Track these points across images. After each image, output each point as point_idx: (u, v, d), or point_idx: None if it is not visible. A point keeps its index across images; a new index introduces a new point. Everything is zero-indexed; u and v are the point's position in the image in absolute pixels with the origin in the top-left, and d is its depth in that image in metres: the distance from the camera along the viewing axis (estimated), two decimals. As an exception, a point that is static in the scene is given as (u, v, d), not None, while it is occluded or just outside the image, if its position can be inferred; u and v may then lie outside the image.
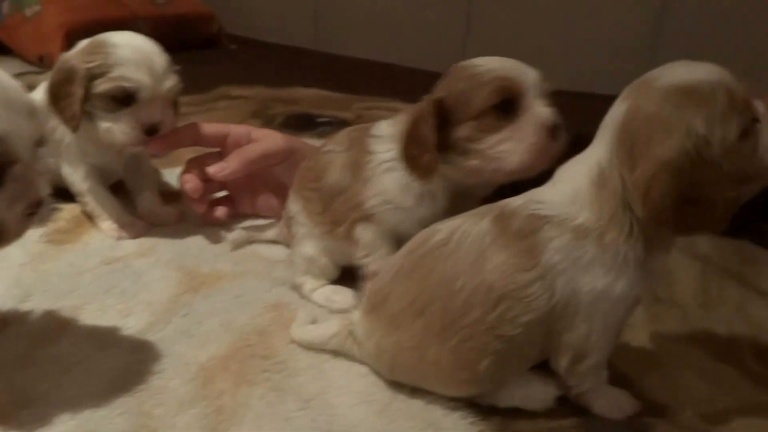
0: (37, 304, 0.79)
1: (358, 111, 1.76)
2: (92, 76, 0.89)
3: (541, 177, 0.67)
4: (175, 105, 0.99)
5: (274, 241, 0.99)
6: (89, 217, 1.01)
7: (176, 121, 0.99)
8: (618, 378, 0.67)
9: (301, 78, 2.10)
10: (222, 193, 1.08)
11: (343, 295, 0.84)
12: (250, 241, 1.00)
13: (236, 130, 1.04)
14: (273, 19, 2.93)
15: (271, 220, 1.03)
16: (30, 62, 1.99)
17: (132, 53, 0.90)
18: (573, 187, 0.62)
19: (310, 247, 0.86)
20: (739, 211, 1.04)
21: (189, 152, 1.06)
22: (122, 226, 0.99)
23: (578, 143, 0.65)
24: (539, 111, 0.70)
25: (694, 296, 0.87)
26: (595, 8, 2.24)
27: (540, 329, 0.61)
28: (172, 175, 1.14)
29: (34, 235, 0.96)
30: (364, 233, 0.81)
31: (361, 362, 0.71)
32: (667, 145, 0.55)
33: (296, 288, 0.86)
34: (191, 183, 0.97)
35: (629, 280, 0.60)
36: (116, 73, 0.88)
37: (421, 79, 0.76)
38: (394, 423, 0.62)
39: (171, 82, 0.93)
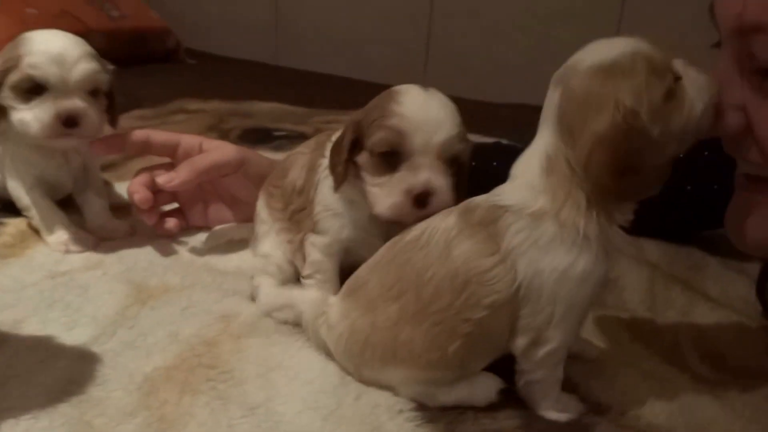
0: (-25, 318, 0.79)
1: (317, 125, 1.78)
2: (5, 71, 0.91)
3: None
4: (111, 98, 1.00)
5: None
6: (36, 232, 1.01)
7: (105, 118, 1.00)
8: (564, 381, 0.69)
9: (261, 92, 2.12)
10: (172, 206, 1.08)
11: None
12: (225, 239, 1.03)
13: (187, 139, 1.05)
14: (233, 33, 2.95)
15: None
16: (-22, 77, 1.97)
17: (41, 44, 0.91)
18: (527, 178, 0.66)
19: (267, 244, 0.88)
20: (684, 219, 1.09)
21: (140, 165, 1.07)
22: (70, 239, 0.98)
23: None
24: (410, 175, 0.72)
25: (642, 301, 0.91)
26: (555, 21, 2.31)
27: (506, 312, 0.64)
28: (123, 189, 1.15)
29: (-25, 250, 0.95)
30: (313, 250, 0.84)
31: (318, 347, 0.75)
32: (599, 121, 0.60)
33: (253, 290, 0.87)
34: (140, 193, 0.97)
35: (591, 257, 0.63)
36: (24, 63, 0.90)
37: (381, 93, 0.78)
38: (339, 428, 0.64)
39: (85, 70, 0.93)
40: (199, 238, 1.05)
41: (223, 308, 0.85)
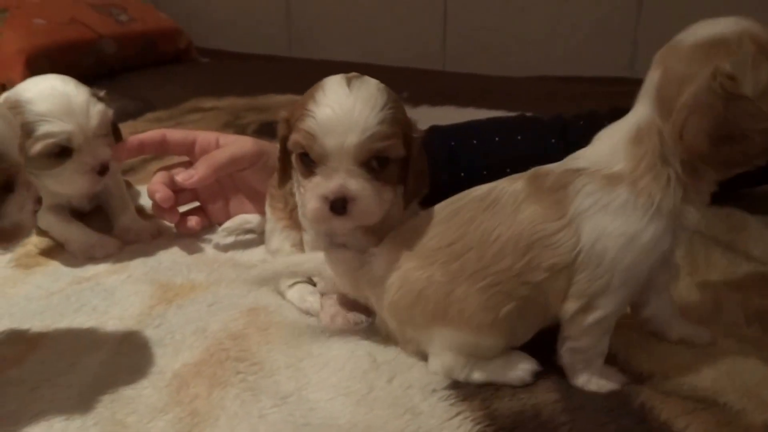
0: (4, 327, 0.81)
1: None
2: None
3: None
4: (115, 130, 1.02)
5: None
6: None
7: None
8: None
9: (276, 85, 2.13)
10: (193, 204, 1.10)
11: (317, 297, 0.86)
12: (243, 230, 1.05)
13: (203, 136, 1.06)
14: (245, 28, 2.97)
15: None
16: (-7, 91, 2.02)
17: (49, 105, 0.90)
18: (610, 143, 0.67)
19: (275, 241, 0.89)
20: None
21: (158, 166, 1.09)
22: (91, 246, 1.01)
23: (616, 116, 0.70)
24: (324, 180, 0.69)
25: (681, 265, 0.90)
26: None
27: (564, 277, 0.65)
28: (144, 192, 1.17)
29: (1, 261, 0.98)
30: (306, 248, 0.84)
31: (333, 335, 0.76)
32: (695, 88, 0.60)
33: (275, 285, 0.89)
34: (161, 192, 0.99)
35: (660, 230, 0.64)
36: (41, 131, 0.89)
37: (400, 76, 0.78)
38: (373, 412, 0.64)
39: (97, 116, 0.94)
40: (221, 236, 1.07)
41: (249, 302, 0.86)
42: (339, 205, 0.69)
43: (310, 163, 0.70)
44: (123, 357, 0.75)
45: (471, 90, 2.00)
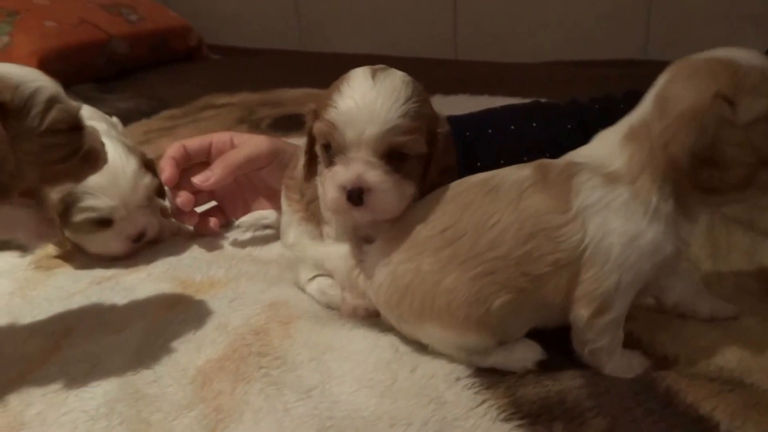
0: (27, 328, 0.82)
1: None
2: (65, 206, 0.92)
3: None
4: (160, 193, 1.02)
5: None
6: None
7: (159, 223, 1.02)
8: (625, 336, 0.68)
9: (289, 79, 2.12)
10: (210, 204, 1.10)
11: (337, 290, 0.85)
12: (260, 225, 1.07)
13: (218, 137, 1.06)
14: (255, 24, 2.97)
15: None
16: (7, 96, 2.03)
17: (95, 178, 0.88)
18: (608, 142, 0.67)
19: (291, 234, 0.89)
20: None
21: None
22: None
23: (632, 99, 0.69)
24: (342, 170, 0.68)
25: (703, 246, 0.88)
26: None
27: (567, 274, 0.64)
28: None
29: (21, 263, 0.99)
30: (327, 240, 0.84)
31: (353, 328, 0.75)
32: (693, 101, 0.61)
33: (295, 279, 0.89)
34: (182, 197, 1.00)
35: (660, 233, 0.63)
36: (85, 203, 0.92)
37: (413, 67, 0.77)
38: (397, 403, 0.64)
39: (141, 190, 0.96)
40: (239, 232, 1.07)
41: (270, 297, 0.86)
42: (356, 195, 0.68)
43: (331, 153, 0.70)
44: (145, 355, 0.75)
45: (484, 78, 1.99)
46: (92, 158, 0.76)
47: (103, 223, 0.94)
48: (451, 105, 1.73)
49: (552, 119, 1.03)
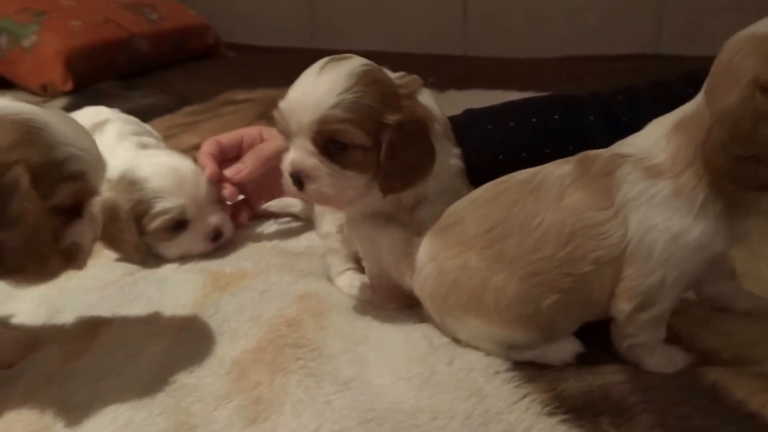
0: (64, 319, 0.80)
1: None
2: (138, 215, 0.91)
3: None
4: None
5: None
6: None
7: (229, 217, 1.00)
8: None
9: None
10: (238, 198, 1.07)
11: (367, 283, 0.83)
12: (286, 212, 1.06)
13: (247, 131, 1.05)
14: (268, 22, 2.94)
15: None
16: (34, 92, 2.01)
17: (162, 181, 0.91)
18: (657, 131, 0.62)
19: (326, 224, 0.86)
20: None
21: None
22: None
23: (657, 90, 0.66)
24: (286, 156, 0.71)
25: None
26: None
27: (610, 270, 0.61)
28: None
29: (55, 254, 0.96)
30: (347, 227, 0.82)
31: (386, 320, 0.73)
32: (729, 96, 0.55)
33: (327, 269, 0.87)
34: (228, 189, 0.98)
35: (708, 228, 0.58)
36: (157, 207, 0.90)
37: (424, 63, 0.75)
38: (436, 396, 0.61)
39: (206, 186, 0.94)
40: (265, 223, 1.05)
41: (300, 289, 0.83)
42: (295, 179, 0.69)
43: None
44: (182, 346, 0.73)
45: (496, 73, 1.95)
46: (71, 256, 0.65)
47: (179, 225, 0.92)
48: (465, 100, 1.70)
49: (574, 111, 1.00)
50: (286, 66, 2.53)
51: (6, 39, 2.05)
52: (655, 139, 0.62)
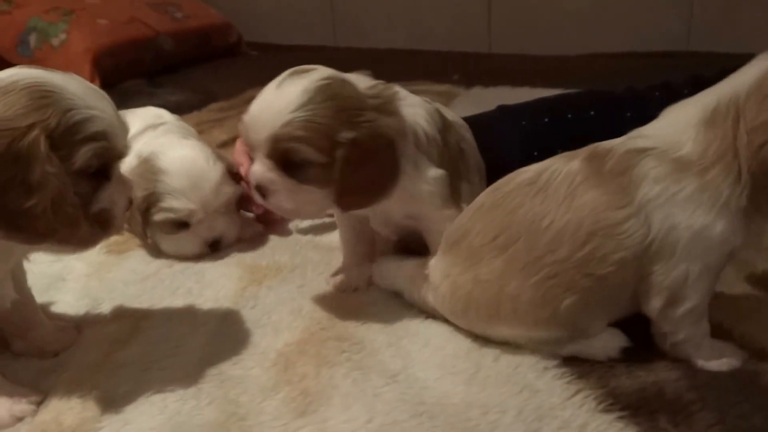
0: (107, 310, 0.79)
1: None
2: (147, 204, 0.89)
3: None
4: (245, 206, 0.99)
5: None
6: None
7: (239, 222, 0.97)
8: (714, 328, 0.63)
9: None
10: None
11: None
12: None
13: None
14: (290, 21, 2.93)
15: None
16: (62, 90, 2.02)
17: (179, 180, 0.88)
18: (681, 120, 0.60)
19: None
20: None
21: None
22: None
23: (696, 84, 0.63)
24: (251, 167, 0.72)
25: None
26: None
27: (633, 269, 0.59)
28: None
29: (94, 248, 0.96)
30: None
31: (434, 312, 0.71)
32: None
33: None
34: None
35: (730, 225, 0.57)
36: (166, 203, 0.88)
37: (447, 60, 0.73)
38: (486, 390, 0.60)
39: (223, 196, 0.92)
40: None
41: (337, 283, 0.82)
42: (257, 190, 0.70)
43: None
44: (224, 338, 0.72)
45: (523, 70, 1.93)
46: (102, 221, 0.61)
47: (181, 225, 0.91)
48: (493, 96, 1.68)
49: (610, 108, 0.98)
50: (310, 63, 2.52)
51: (35, 38, 2.06)
52: (678, 129, 0.59)
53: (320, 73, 0.69)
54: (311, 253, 0.93)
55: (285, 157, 0.67)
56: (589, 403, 0.57)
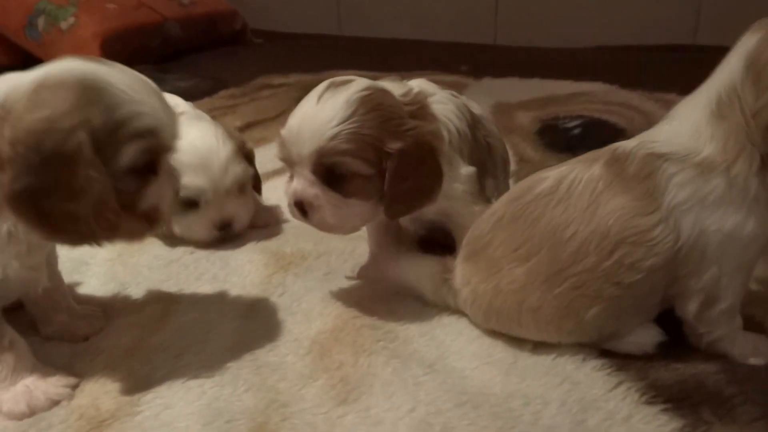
0: (135, 294, 0.78)
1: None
2: None
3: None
4: (256, 181, 0.96)
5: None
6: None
7: (252, 207, 0.94)
8: (746, 321, 0.63)
9: (332, 63, 2.07)
10: None
11: None
12: None
13: None
14: (295, 9, 2.90)
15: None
16: (69, 74, 1.99)
17: (191, 157, 0.84)
18: (692, 121, 0.58)
19: None
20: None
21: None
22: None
23: None
24: (289, 184, 0.69)
25: None
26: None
27: (663, 275, 0.58)
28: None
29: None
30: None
31: (456, 310, 0.70)
32: None
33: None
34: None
35: (761, 219, 0.56)
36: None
37: (453, 51, 0.71)
38: (525, 381, 0.60)
39: (232, 175, 0.89)
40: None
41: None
42: (299, 208, 0.68)
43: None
44: (254, 324, 0.71)
45: (531, 62, 1.92)
46: (150, 217, 0.60)
47: (190, 204, 0.88)
48: (502, 87, 1.68)
49: None
50: (316, 52, 2.51)
51: (44, 21, 2.03)
52: (691, 133, 0.57)
53: (359, 84, 0.67)
54: (335, 241, 0.91)
55: (330, 171, 0.66)
56: (632, 396, 0.56)
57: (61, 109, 0.53)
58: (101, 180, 0.54)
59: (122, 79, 0.56)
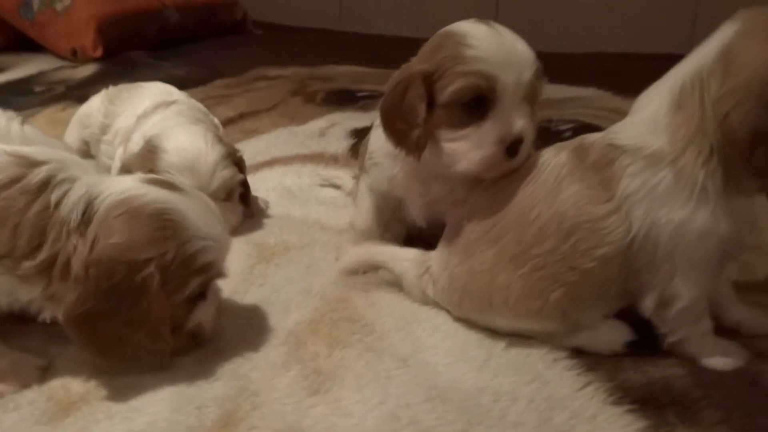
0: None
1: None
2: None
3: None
4: (245, 186, 0.96)
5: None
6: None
7: (239, 214, 0.94)
8: (719, 329, 0.64)
9: (331, 57, 2.07)
10: None
11: None
12: (333, 184, 1.07)
13: None
14: (297, 3, 2.90)
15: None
16: (62, 57, 1.99)
17: (179, 159, 0.85)
18: (651, 111, 0.59)
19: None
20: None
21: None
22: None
23: None
24: (504, 123, 0.62)
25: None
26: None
27: (617, 265, 0.59)
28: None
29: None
30: (361, 183, 0.84)
31: (435, 305, 0.71)
32: (764, 70, 0.52)
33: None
34: None
35: (711, 214, 0.56)
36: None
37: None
38: (497, 378, 0.61)
39: (220, 180, 0.88)
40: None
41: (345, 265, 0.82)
42: (516, 146, 0.63)
43: (475, 109, 0.63)
44: (233, 314, 0.72)
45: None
46: (196, 336, 0.63)
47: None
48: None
49: None
50: (316, 46, 2.51)
51: (39, 0, 2.03)
52: (649, 124, 0.58)
53: None
54: (319, 233, 0.92)
55: (535, 96, 0.64)
56: (599, 396, 0.58)
57: (137, 240, 0.55)
58: (161, 311, 0.56)
59: (194, 210, 0.59)
